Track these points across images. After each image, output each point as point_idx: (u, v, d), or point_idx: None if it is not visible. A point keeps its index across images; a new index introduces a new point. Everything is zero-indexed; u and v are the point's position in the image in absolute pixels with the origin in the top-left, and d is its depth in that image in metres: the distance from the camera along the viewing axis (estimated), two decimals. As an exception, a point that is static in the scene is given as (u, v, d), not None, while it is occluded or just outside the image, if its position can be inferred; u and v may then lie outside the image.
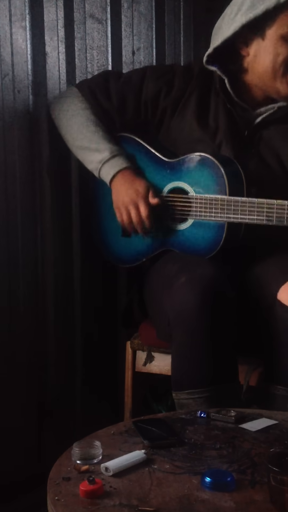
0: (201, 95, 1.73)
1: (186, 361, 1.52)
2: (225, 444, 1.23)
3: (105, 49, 2.01)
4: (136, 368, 1.84)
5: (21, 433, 1.86)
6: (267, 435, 1.27)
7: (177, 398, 1.54)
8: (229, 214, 1.60)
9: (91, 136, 1.75)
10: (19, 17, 1.75)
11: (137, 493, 1.05)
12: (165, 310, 1.57)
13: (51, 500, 1.05)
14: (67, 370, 2.00)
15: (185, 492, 1.06)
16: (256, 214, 1.56)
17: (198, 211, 1.66)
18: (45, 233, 1.88)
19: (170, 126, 1.76)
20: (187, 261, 1.64)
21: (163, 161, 1.73)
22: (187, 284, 1.52)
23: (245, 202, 1.58)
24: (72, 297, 2.00)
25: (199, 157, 1.66)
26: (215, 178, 1.63)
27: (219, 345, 1.51)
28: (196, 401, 1.49)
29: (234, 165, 1.65)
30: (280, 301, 1.55)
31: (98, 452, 1.16)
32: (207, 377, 1.50)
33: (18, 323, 1.84)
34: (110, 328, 2.10)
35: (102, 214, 1.87)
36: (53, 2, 1.83)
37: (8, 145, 1.76)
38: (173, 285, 1.55)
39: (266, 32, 1.62)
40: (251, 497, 1.05)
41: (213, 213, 1.63)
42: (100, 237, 1.90)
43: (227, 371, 1.53)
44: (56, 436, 1.91)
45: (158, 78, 1.76)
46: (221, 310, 1.51)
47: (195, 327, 1.49)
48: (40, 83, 1.82)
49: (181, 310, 1.51)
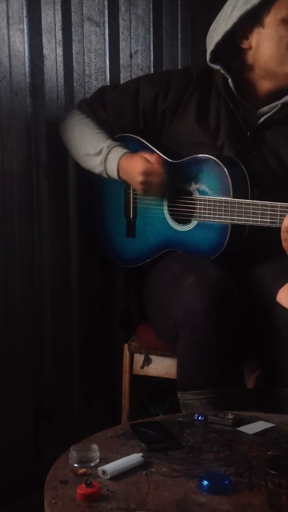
0: (201, 98, 1.72)
1: (192, 361, 1.52)
2: (222, 447, 1.23)
3: (102, 52, 2.01)
4: (134, 371, 1.83)
5: (18, 436, 1.86)
6: (265, 438, 1.27)
7: (182, 399, 1.54)
8: (233, 216, 1.60)
9: (91, 140, 1.76)
10: (17, 19, 1.75)
11: (134, 496, 1.05)
12: (171, 310, 1.57)
13: (48, 503, 1.05)
14: (64, 372, 1.99)
15: (183, 495, 1.06)
16: (260, 216, 1.56)
17: (202, 213, 1.66)
18: (42, 235, 1.88)
19: (171, 129, 1.76)
20: (192, 261, 1.65)
21: (167, 162, 1.73)
22: (195, 285, 1.52)
23: (249, 204, 1.58)
24: (70, 299, 2.00)
25: (203, 159, 1.66)
26: (219, 180, 1.63)
27: (225, 346, 1.51)
28: (201, 401, 1.49)
29: (238, 166, 1.65)
30: (280, 303, 1.55)
31: (96, 455, 1.15)
32: (213, 378, 1.50)
33: (16, 325, 1.84)
34: (107, 331, 2.10)
35: (107, 215, 1.88)
36: (50, 5, 1.83)
37: (6, 147, 1.76)
38: (181, 286, 1.55)
39: (265, 20, 1.63)
40: (249, 501, 1.05)
41: (217, 214, 1.63)
42: (105, 238, 1.91)
43: (232, 373, 1.53)
44: (53, 439, 1.91)
45: (154, 83, 1.77)
46: (228, 311, 1.52)
47: (202, 328, 1.50)
48: (38, 86, 1.83)
49: (189, 311, 1.51)
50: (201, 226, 1.68)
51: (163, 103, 1.74)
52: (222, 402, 1.48)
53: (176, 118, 1.74)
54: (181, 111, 1.73)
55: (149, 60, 2.15)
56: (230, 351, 1.52)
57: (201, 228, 1.68)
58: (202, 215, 1.66)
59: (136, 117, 1.78)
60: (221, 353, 1.51)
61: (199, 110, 1.72)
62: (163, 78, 1.78)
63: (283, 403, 1.52)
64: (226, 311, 1.51)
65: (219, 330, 1.50)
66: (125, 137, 1.81)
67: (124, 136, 1.81)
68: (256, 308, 1.62)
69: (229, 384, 1.51)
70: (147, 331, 1.77)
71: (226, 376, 1.51)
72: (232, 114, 1.70)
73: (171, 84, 1.75)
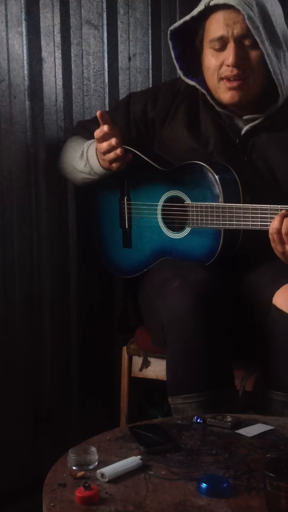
0: (189, 107, 1.74)
1: (180, 366, 1.52)
2: (221, 450, 1.23)
3: (101, 55, 2.01)
4: (132, 374, 1.83)
5: (17, 439, 1.86)
6: (263, 441, 1.27)
7: (172, 403, 1.54)
8: (224, 221, 1.61)
9: (75, 150, 1.77)
10: (16, 22, 1.76)
11: (133, 499, 1.05)
12: (158, 315, 1.57)
13: (46, 506, 1.05)
14: (63, 375, 1.99)
15: (181, 498, 1.06)
16: (251, 219, 1.57)
17: (194, 219, 1.66)
18: (41, 239, 1.88)
19: (162, 137, 1.77)
20: (180, 266, 1.65)
21: (159, 171, 1.74)
22: (180, 289, 1.52)
23: (240, 208, 1.59)
24: (68, 302, 2.00)
25: (193, 165, 1.67)
26: (209, 185, 1.64)
27: (214, 349, 1.51)
28: (191, 405, 1.49)
29: (229, 171, 1.65)
30: (276, 306, 1.55)
31: (94, 458, 1.15)
32: (202, 382, 1.50)
33: (15, 329, 1.84)
34: (106, 333, 2.10)
35: (103, 226, 1.88)
36: (49, 8, 1.83)
37: (4, 150, 1.76)
38: (166, 290, 1.55)
39: (202, 45, 1.65)
40: (247, 503, 1.05)
41: (209, 220, 1.63)
42: (103, 250, 1.90)
43: (222, 376, 1.53)
44: (52, 442, 1.91)
45: (142, 95, 1.81)
46: (215, 314, 1.51)
47: (189, 331, 1.49)
48: (36, 89, 1.83)
49: (175, 315, 1.51)
50: (195, 233, 1.68)
51: (152, 111, 1.77)
52: (212, 405, 1.47)
53: (166, 125, 1.76)
54: (170, 118, 1.75)
55: (148, 63, 2.16)
56: (219, 353, 1.51)
57: (194, 235, 1.69)
58: (195, 222, 1.66)
59: (128, 128, 1.79)
60: (210, 356, 1.50)
61: (189, 119, 1.73)
62: (151, 90, 1.85)
63: (272, 405, 1.52)
64: (214, 314, 1.51)
65: (207, 333, 1.49)
66: None
67: None
68: (250, 311, 1.62)
69: (219, 387, 1.51)
70: (146, 334, 1.77)
71: (216, 379, 1.50)
72: (219, 123, 1.71)
73: (159, 95, 1.78)
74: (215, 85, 1.64)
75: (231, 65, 1.58)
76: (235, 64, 1.58)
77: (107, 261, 1.90)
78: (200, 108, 1.74)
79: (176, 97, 1.76)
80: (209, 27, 1.61)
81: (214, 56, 1.61)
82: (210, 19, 1.60)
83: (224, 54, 1.60)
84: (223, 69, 1.61)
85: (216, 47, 1.60)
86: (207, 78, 1.66)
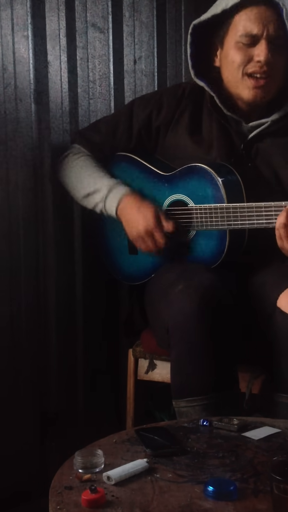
0: (193, 113, 1.74)
1: (184, 369, 1.52)
2: (227, 453, 1.22)
3: (106, 58, 2.02)
4: (138, 376, 1.83)
5: (24, 442, 1.86)
6: (270, 444, 1.26)
7: (177, 406, 1.53)
8: (229, 221, 1.61)
9: (88, 180, 1.77)
10: (22, 26, 1.76)
11: (139, 502, 1.05)
12: (163, 318, 1.57)
13: (53, 509, 1.05)
14: (69, 378, 1.99)
15: (188, 501, 1.06)
16: (256, 218, 1.57)
17: (199, 221, 1.66)
18: (46, 241, 1.89)
19: (165, 144, 1.77)
20: (184, 269, 1.64)
21: (161, 175, 1.74)
22: (184, 292, 1.52)
23: (244, 207, 1.59)
24: (74, 305, 2.00)
25: (194, 168, 1.67)
26: (212, 187, 1.64)
27: (218, 352, 1.50)
28: (195, 409, 1.49)
29: (231, 172, 1.65)
30: (280, 309, 1.54)
31: (100, 461, 1.15)
32: (206, 385, 1.49)
33: (21, 332, 1.84)
34: (112, 336, 2.10)
35: (108, 234, 1.88)
36: (55, 12, 1.84)
37: (11, 153, 1.77)
38: (170, 294, 1.55)
39: (224, 41, 1.65)
40: (254, 506, 1.04)
41: (213, 221, 1.63)
42: (108, 257, 1.90)
43: (226, 379, 1.52)
44: (58, 445, 1.91)
45: (146, 103, 1.80)
46: (219, 317, 1.51)
47: (193, 335, 1.49)
48: (42, 92, 1.83)
49: (179, 318, 1.51)
50: (200, 235, 1.68)
51: (156, 119, 1.77)
52: (216, 407, 1.47)
53: (169, 132, 1.76)
54: (174, 125, 1.75)
55: (153, 66, 2.16)
56: (223, 356, 1.51)
57: (200, 237, 1.69)
58: (200, 224, 1.66)
59: (129, 136, 1.80)
60: (214, 359, 1.49)
61: (192, 124, 1.73)
62: (155, 97, 1.81)
63: (278, 407, 1.52)
64: (217, 317, 1.50)
65: (211, 336, 1.49)
66: (119, 156, 1.83)
67: (118, 155, 1.83)
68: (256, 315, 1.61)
69: (223, 390, 1.50)
70: (151, 336, 1.76)
71: (220, 382, 1.50)
72: (224, 128, 1.70)
73: (163, 101, 1.77)
74: (237, 81, 1.64)
75: (263, 62, 1.59)
76: (267, 61, 1.59)
77: (114, 270, 1.90)
78: (203, 112, 1.74)
79: (181, 101, 1.76)
80: (239, 21, 1.61)
81: (242, 50, 1.61)
82: (241, 14, 1.60)
83: (254, 51, 1.60)
84: (250, 64, 1.61)
85: (245, 42, 1.60)
86: (227, 72, 1.65)
